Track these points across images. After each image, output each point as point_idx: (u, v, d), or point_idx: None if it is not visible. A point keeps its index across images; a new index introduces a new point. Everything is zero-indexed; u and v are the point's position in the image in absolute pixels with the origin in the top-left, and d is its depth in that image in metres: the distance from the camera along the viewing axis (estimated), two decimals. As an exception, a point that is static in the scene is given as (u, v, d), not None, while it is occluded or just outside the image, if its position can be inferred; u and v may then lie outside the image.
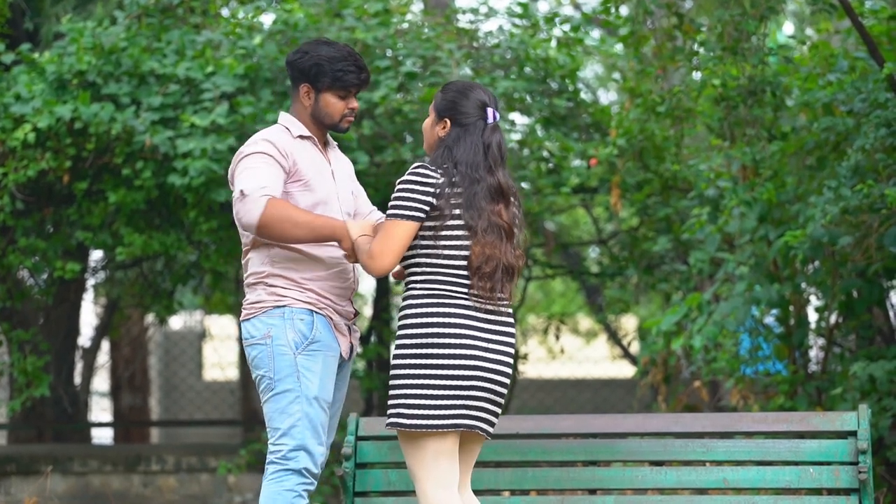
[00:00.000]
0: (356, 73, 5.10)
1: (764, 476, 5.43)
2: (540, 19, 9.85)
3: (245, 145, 5.09)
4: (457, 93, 4.92)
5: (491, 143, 4.87)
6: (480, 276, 4.79)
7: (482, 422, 4.85)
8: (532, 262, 11.09)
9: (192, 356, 17.38)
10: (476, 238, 4.78)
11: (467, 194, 4.79)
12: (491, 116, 4.89)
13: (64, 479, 10.12)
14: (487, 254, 4.78)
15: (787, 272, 7.98)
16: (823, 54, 8.30)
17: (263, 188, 4.92)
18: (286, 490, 4.94)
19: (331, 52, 5.08)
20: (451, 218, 4.79)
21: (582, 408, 15.13)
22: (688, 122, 8.88)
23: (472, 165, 4.82)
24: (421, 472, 4.82)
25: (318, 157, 5.14)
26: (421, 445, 4.81)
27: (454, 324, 4.78)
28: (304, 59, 5.09)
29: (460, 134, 4.87)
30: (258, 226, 4.91)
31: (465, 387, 4.76)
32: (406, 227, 4.79)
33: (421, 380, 4.77)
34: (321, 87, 5.10)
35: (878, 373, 7.27)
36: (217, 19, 9.34)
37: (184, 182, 8.35)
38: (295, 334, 4.98)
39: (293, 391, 4.96)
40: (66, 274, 8.93)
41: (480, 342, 4.80)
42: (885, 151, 7.14)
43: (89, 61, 8.53)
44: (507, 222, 4.85)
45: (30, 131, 8.37)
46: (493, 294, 4.82)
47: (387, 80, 8.73)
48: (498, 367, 4.83)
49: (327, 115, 5.13)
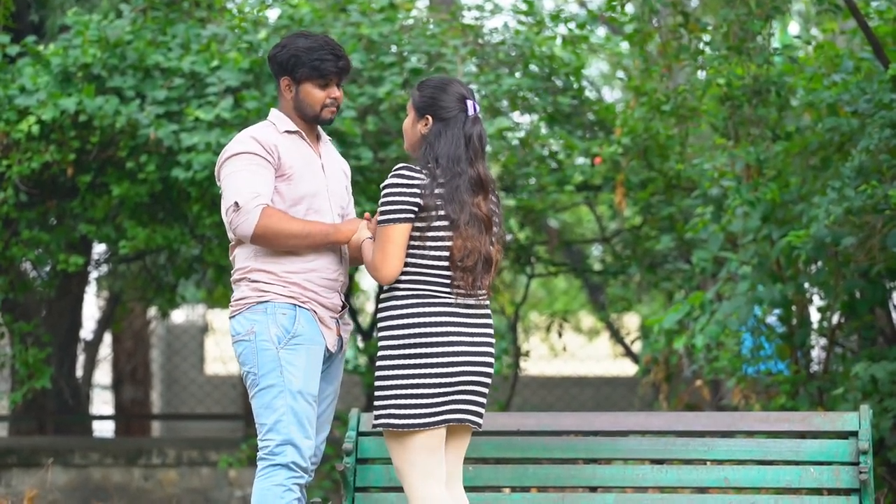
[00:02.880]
0: (333, 62, 5.11)
1: (765, 475, 5.43)
2: (545, 17, 9.85)
3: (231, 143, 5.12)
4: (435, 89, 4.96)
5: (472, 135, 4.91)
6: (462, 270, 4.83)
7: (471, 413, 4.90)
8: (535, 260, 11.09)
9: (194, 350, 17.40)
10: (458, 231, 4.82)
11: (449, 188, 4.83)
12: (471, 108, 4.93)
13: (65, 472, 10.13)
14: (469, 247, 4.83)
15: (789, 272, 7.98)
16: (828, 54, 8.29)
17: (257, 197, 4.97)
18: (275, 485, 4.96)
19: (307, 43, 5.11)
20: (438, 219, 4.83)
21: (583, 405, 15.14)
22: (692, 121, 8.87)
23: (453, 159, 4.86)
24: (409, 469, 4.86)
25: (306, 151, 5.16)
26: (409, 443, 4.84)
27: (439, 322, 4.82)
28: (282, 53, 5.14)
29: (442, 128, 4.91)
30: (253, 236, 4.98)
31: (452, 382, 4.82)
32: (399, 230, 4.83)
33: (409, 379, 4.81)
34: (300, 77, 5.12)
35: (879, 373, 7.28)
36: (222, 13, 9.34)
37: (187, 176, 8.35)
38: (277, 329, 5.01)
39: (277, 386, 4.99)
40: (69, 267, 8.93)
41: (465, 337, 4.85)
42: (889, 152, 7.14)
43: (94, 54, 8.52)
44: (486, 214, 4.89)
45: (34, 123, 8.37)
46: (473, 287, 4.86)
47: (391, 77, 8.73)
48: (482, 358, 4.89)
49: (308, 106, 5.14)
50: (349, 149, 8.61)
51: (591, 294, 15.16)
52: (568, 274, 13.06)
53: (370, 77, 8.89)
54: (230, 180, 5.02)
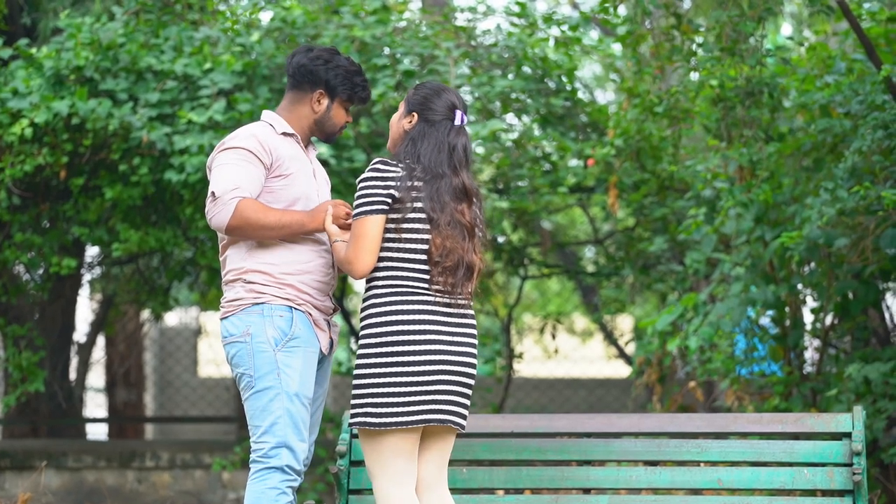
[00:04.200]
0: (368, 91, 5.25)
1: (758, 477, 5.43)
2: (538, 18, 9.86)
3: (228, 137, 5.15)
4: (430, 90, 5.01)
5: (456, 145, 4.93)
6: (441, 270, 4.83)
7: (452, 414, 4.88)
8: (528, 261, 11.09)
9: (188, 352, 17.38)
10: (437, 230, 4.82)
11: (430, 187, 4.84)
12: (458, 119, 4.95)
13: (58, 475, 10.11)
14: (448, 247, 4.82)
15: (783, 273, 7.98)
16: (821, 56, 8.30)
17: (235, 189, 4.99)
18: (269, 488, 4.97)
19: (349, 66, 5.19)
20: (413, 211, 4.83)
21: (577, 407, 15.13)
22: (685, 123, 8.88)
23: (435, 161, 4.88)
24: (378, 470, 4.87)
25: (300, 155, 5.19)
26: (381, 443, 4.84)
27: (417, 319, 4.81)
28: (324, 67, 5.16)
29: (425, 129, 4.94)
30: (228, 227, 4.99)
31: (431, 381, 4.81)
32: (372, 221, 4.84)
33: (387, 377, 4.81)
34: (337, 95, 5.18)
35: (872, 374, 7.28)
36: (215, 16, 9.34)
37: (180, 178, 8.35)
38: (274, 331, 5.01)
39: (273, 388, 4.99)
40: (62, 270, 8.92)
41: (445, 336, 4.84)
42: (881, 153, 7.15)
43: (87, 57, 8.52)
44: (470, 222, 4.89)
45: (27, 126, 8.36)
46: (454, 290, 4.85)
47: (384, 79, 8.73)
48: (463, 358, 4.87)
49: (332, 125, 5.23)
50: (342, 151, 8.61)
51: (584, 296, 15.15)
52: (561, 276, 13.05)
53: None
54: (216, 172, 5.06)
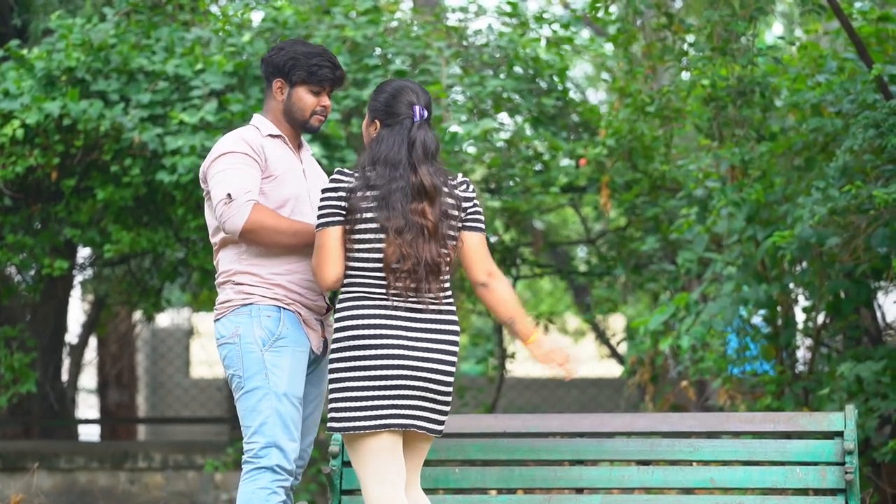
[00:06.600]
0: (330, 69, 5.15)
1: (751, 476, 5.43)
2: (529, 18, 9.85)
3: (219, 143, 5.12)
4: (388, 94, 4.95)
5: (415, 141, 4.88)
6: (397, 276, 4.80)
7: (419, 420, 4.85)
8: (520, 261, 11.09)
9: (180, 353, 17.38)
10: (388, 238, 4.80)
11: (382, 193, 4.81)
12: (417, 114, 4.91)
13: (50, 476, 10.10)
14: (403, 253, 4.79)
15: (774, 272, 7.99)
16: (812, 55, 8.31)
17: (248, 192, 4.98)
18: (260, 488, 4.97)
19: (306, 49, 5.16)
20: (363, 221, 4.81)
21: (569, 407, 15.14)
22: (677, 122, 8.88)
23: (391, 163, 4.84)
24: (362, 472, 4.87)
25: (288, 155, 5.17)
26: (359, 446, 4.85)
27: (373, 325, 4.80)
28: (279, 55, 5.16)
29: (385, 134, 4.91)
30: (243, 231, 4.97)
31: (391, 386, 4.79)
32: (329, 233, 4.84)
33: (350, 382, 4.81)
34: (295, 80, 5.15)
35: (864, 373, 7.29)
36: (206, 16, 9.33)
37: (172, 179, 8.34)
38: (262, 331, 5.02)
39: (262, 388, 4.99)
40: (54, 271, 8.91)
41: (405, 340, 4.81)
42: (873, 152, 7.15)
43: (78, 58, 8.50)
44: (432, 221, 4.84)
45: (18, 127, 8.35)
46: (417, 293, 4.82)
47: (376, 79, 8.72)
48: (430, 364, 4.83)
49: (299, 111, 5.16)
50: (334, 151, 8.60)
51: (576, 295, 15.15)
52: (553, 275, 13.06)
53: (354, 79, 8.88)
54: (221, 177, 5.02)
